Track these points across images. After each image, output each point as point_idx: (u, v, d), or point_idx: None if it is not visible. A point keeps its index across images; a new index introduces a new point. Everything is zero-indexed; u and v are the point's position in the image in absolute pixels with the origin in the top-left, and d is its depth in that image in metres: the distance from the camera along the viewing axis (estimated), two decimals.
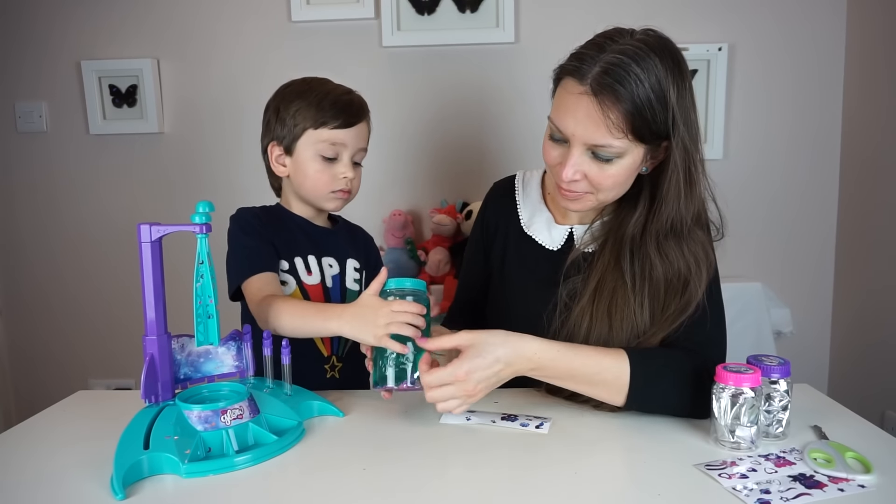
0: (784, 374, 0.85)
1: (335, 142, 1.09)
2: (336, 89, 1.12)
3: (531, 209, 1.10)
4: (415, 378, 0.89)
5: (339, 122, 1.09)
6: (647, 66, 0.87)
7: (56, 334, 2.10)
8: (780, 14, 1.88)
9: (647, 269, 0.95)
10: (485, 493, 0.73)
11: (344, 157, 1.11)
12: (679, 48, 0.92)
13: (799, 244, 1.96)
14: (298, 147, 1.10)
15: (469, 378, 0.85)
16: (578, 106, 0.89)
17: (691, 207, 0.95)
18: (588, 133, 0.89)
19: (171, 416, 0.82)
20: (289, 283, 1.11)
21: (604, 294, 0.97)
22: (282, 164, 1.13)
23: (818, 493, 0.71)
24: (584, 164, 0.92)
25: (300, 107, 1.09)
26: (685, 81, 0.91)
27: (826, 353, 2.00)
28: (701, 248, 0.96)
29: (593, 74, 0.87)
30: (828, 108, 1.91)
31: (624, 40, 0.89)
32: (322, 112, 1.08)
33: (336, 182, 1.11)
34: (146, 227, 0.83)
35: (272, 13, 1.94)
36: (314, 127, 1.09)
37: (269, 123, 1.14)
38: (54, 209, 2.06)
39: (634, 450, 0.83)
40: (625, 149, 0.90)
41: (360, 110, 1.13)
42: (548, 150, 0.97)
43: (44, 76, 2.00)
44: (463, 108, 1.95)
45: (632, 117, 0.87)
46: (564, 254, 1.03)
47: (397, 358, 0.89)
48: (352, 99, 1.12)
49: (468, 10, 1.89)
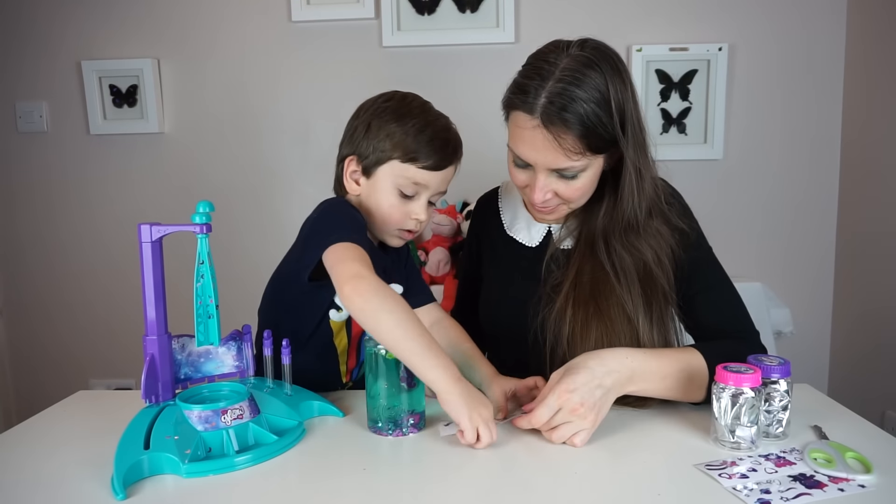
0: (784, 374, 0.85)
1: (419, 182, 1.00)
2: (436, 122, 1.02)
3: (512, 213, 1.15)
4: (408, 427, 0.88)
5: (429, 163, 0.99)
6: (588, 84, 0.89)
7: (56, 334, 2.10)
8: (780, 14, 1.88)
9: (619, 261, 1.00)
10: (485, 493, 0.73)
11: (422, 198, 1.01)
12: (614, 50, 0.95)
13: (799, 244, 1.96)
14: (379, 173, 1.00)
15: (573, 394, 0.82)
16: (535, 139, 0.92)
17: (643, 202, 0.99)
18: (548, 160, 0.93)
19: (171, 416, 0.82)
20: (343, 310, 1.02)
21: (584, 281, 1.00)
22: (355, 182, 1.03)
23: (818, 493, 0.71)
24: (552, 184, 0.97)
25: (394, 131, 0.99)
26: (625, 82, 0.93)
27: (826, 353, 2.00)
28: (661, 238, 1.00)
29: (540, 106, 0.90)
30: (828, 109, 1.91)
31: (561, 61, 0.91)
32: (415, 146, 0.98)
33: (407, 221, 1.02)
34: (146, 227, 0.83)
35: (272, 13, 1.94)
36: (402, 160, 0.99)
37: (356, 133, 1.03)
38: (54, 209, 2.06)
39: (634, 450, 0.83)
40: (586, 164, 0.94)
41: (455, 152, 1.03)
42: (515, 175, 1.01)
43: (44, 76, 2.00)
44: (463, 109, 1.94)
45: (585, 138, 0.91)
46: (544, 249, 1.08)
47: (390, 408, 0.87)
48: (449, 138, 1.02)
49: (468, 10, 1.89)
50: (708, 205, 1.96)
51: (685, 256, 1.01)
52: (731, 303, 1.03)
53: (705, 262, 1.05)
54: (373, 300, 0.84)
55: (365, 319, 0.85)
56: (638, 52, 1.86)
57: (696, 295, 1.02)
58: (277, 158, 1.98)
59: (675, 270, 1.01)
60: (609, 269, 0.99)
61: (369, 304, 0.84)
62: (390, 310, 0.84)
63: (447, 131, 1.03)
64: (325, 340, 1.05)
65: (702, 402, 0.93)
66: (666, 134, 1.93)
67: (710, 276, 1.04)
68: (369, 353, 0.88)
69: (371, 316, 0.84)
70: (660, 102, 1.92)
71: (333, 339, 1.05)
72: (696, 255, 1.03)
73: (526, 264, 1.10)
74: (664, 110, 1.92)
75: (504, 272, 1.13)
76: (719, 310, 1.02)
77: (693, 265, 1.02)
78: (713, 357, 0.91)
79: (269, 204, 2.01)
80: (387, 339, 0.84)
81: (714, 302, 1.02)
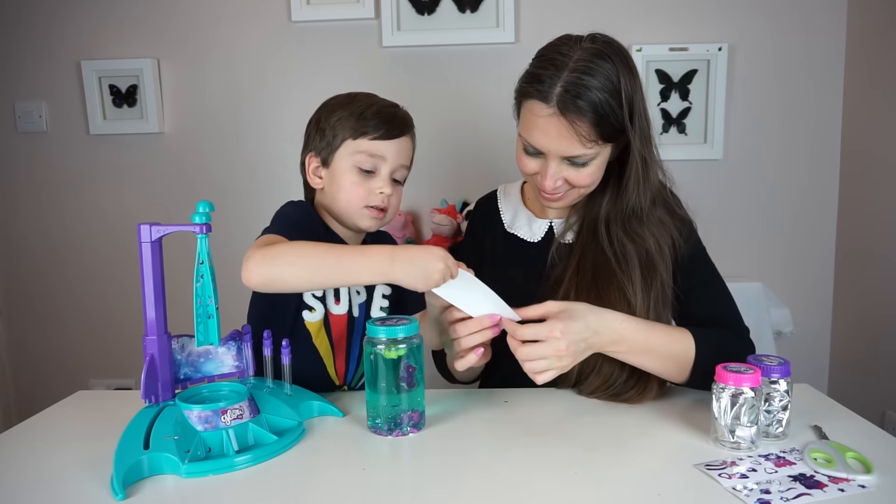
0: (784, 374, 0.85)
1: (374, 153, 1.02)
2: (380, 102, 1.06)
3: (513, 211, 1.18)
4: (408, 427, 0.88)
5: (379, 133, 1.02)
6: (601, 74, 0.94)
7: (56, 334, 2.10)
8: (781, 14, 1.88)
9: (620, 247, 1.02)
10: (484, 493, 0.73)
11: (382, 171, 1.03)
12: (623, 46, 1.00)
13: (799, 244, 1.96)
14: (336, 158, 1.04)
15: (563, 337, 0.87)
16: (549, 126, 0.95)
17: (648, 192, 1.03)
18: (563, 148, 0.97)
19: (171, 416, 0.82)
20: (317, 310, 1.04)
21: (586, 267, 1.03)
22: (318, 177, 1.07)
23: (818, 494, 0.71)
24: (563, 171, 1.00)
25: (341, 117, 1.03)
26: (633, 74, 0.98)
27: (826, 353, 2.00)
28: (663, 227, 1.04)
29: (556, 95, 0.94)
30: (828, 109, 1.91)
31: (574, 53, 0.95)
32: (363, 122, 1.02)
33: (371, 197, 1.03)
34: (146, 227, 0.83)
35: (272, 13, 1.94)
36: (353, 137, 1.02)
37: (310, 136, 1.08)
38: (54, 209, 2.06)
39: (634, 450, 0.83)
40: (597, 152, 0.98)
41: (404, 123, 1.06)
42: (524, 163, 1.04)
43: (44, 76, 2.00)
44: (463, 108, 1.95)
45: (598, 126, 0.94)
46: (546, 245, 1.10)
47: (390, 407, 0.87)
48: (396, 112, 1.06)
49: (468, 10, 1.89)
50: (708, 205, 1.96)
51: (686, 247, 1.04)
52: (724, 299, 1.06)
53: (702, 257, 1.08)
54: (266, 257, 0.86)
55: (273, 279, 0.86)
56: (638, 52, 1.86)
57: (693, 289, 1.04)
58: (277, 158, 1.97)
59: (676, 259, 1.04)
60: (611, 255, 1.02)
61: (265, 265, 0.85)
62: (283, 251, 0.86)
63: (394, 107, 1.06)
64: (304, 342, 1.04)
65: (686, 384, 0.97)
66: (666, 134, 1.93)
67: (704, 272, 1.07)
68: (369, 353, 0.88)
69: (273, 272, 0.86)
70: (660, 102, 1.92)
71: (313, 340, 1.05)
72: (694, 249, 1.06)
73: (528, 260, 1.11)
74: (664, 110, 1.92)
75: (506, 268, 1.13)
76: (713, 304, 1.05)
77: (692, 259, 1.05)
78: (703, 341, 0.95)
79: (269, 204, 2.00)
80: (304, 276, 0.86)
81: (709, 297, 1.05)
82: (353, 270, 0.87)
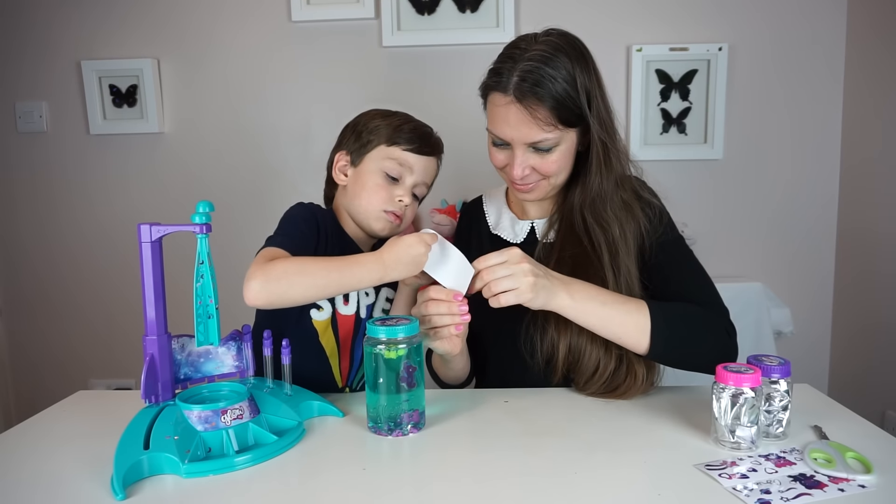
0: (784, 374, 0.85)
1: (403, 162, 1.09)
2: (418, 121, 1.14)
3: (497, 214, 1.22)
4: (408, 427, 0.88)
5: (412, 147, 1.09)
6: (556, 63, 0.98)
7: (56, 334, 2.10)
8: (781, 14, 1.88)
9: (592, 234, 1.05)
10: (484, 493, 0.73)
11: (407, 181, 1.10)
12: (578, 39, 1.04)
13: (799, 244, 1.96)
14: (366, 160, 1.10)
15: (525, 261, 0.92)
16: (509, 114, 1.00)
17: (611, 176, 1.06)
18: (524, 134, 1.01)
19: (171, 416, 0.82)
20: (325, 309, 1.06)
21: (566, 258, 1.05)
22: (343, 174, 1.12)
23: (818, 494, 0.71)
24: (529, 159, 1.03)
25: (379, 124, 1.10)
26: (589, 65, 1.02)
27: (826, 353, 2.00)
28: (629, 211, 1.06)
29: (513, 84, 0.99)
30: (828, 108, 1.91)
31: (530, 46, 1.01)
32: (399, 132, 1.09)
33: (391, 203, 1.08)
34: (146, 227, 0.83)
35: (272, 13, 1.94)
36: (387, 144, 1.09)
37: (344, 136, 1.14)
38: (54, 209, 2.06)
39: (634, 450, 0.83)
40: (559, 137, 1.01)
41: (436, 145, 1.14)
42: (494, 156, 1.08)
43: (44, 76, 2.00)
44: (463, 109, 1.94)
45: (556, 111, 0.98)
46: (529, 245, 1.12)
47: (390, 407, 0.87)
48: (431, 132, 1.14)
49: (468, 10, 1.89)
50: (708, 205, 1.97)
51: (655, 232, 1.06)
52: (698, 281, 1.07)
53: (675, 242, 1.09)
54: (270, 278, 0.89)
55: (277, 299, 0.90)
56: (638, 52, 1.86)
57: (668, 274, 1.06)
58: (277, 158, 1.98)
59: (644, 241, 1.06)
60: (586, 243, 1.05)
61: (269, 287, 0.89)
62: (285, 271, 0.90)
63: (429, 129, 1.15)
64: (310, 340, 1.05)
65: (651, 356, 0.98)
66: (666, 134, 1.93)
67: (678, 256, 1.08)
68: (369, 352, 0.88)
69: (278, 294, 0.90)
70: (660, 102, 1.92)
71: (319, 339, 1.05)
72: (667, 235, 1.07)
73: None
74: (664, 110, 1.92)
75: None
76: (688, 286, 1.05)
77: (664, 244, 1.06)
78: (658, 307, 0.97)
79: (269, 204, 2.01)
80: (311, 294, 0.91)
81: (684, 279, 1.06)
82: (356, 279, 0.92)
